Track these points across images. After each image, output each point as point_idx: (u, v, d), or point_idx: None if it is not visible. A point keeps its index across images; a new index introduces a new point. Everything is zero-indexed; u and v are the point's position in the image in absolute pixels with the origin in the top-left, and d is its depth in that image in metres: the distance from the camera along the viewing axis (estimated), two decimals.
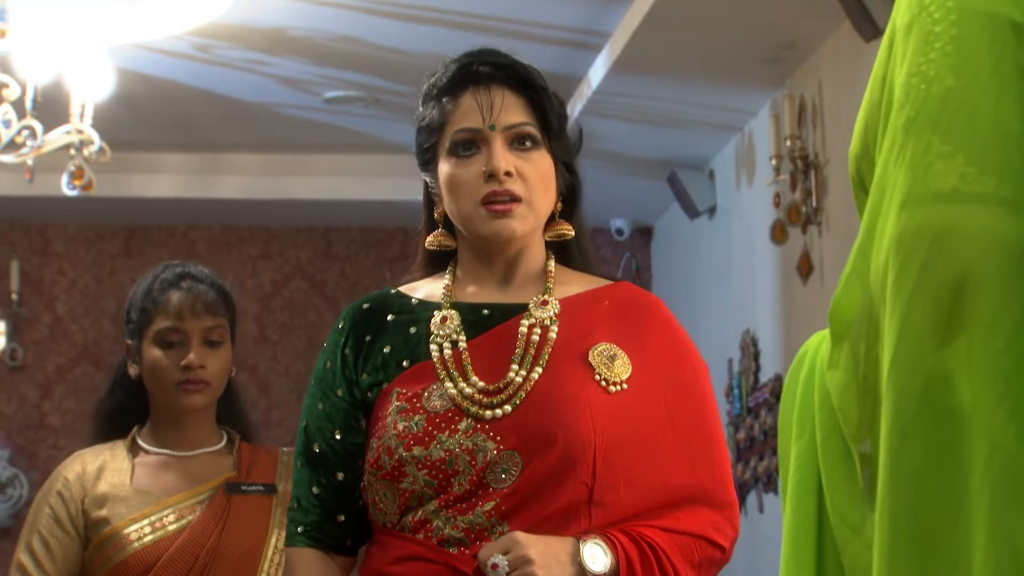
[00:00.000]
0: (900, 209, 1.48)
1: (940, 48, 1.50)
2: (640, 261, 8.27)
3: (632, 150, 7.01)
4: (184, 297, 3.18)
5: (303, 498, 2.46)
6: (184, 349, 3.16)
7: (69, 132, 5.72)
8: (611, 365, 2.39)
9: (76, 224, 7.83)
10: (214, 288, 3.24)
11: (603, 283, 2.54)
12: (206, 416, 3.25)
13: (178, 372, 3.16)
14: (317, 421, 2.46)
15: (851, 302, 1.56)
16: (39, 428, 7.73)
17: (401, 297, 2.52)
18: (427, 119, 2.48)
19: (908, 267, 1.46)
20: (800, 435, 1.66)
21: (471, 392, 2.36)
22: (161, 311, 3.18)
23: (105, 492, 3.14)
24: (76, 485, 3.15)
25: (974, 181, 1.45)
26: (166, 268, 3.27)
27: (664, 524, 2.36)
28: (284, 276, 8.04)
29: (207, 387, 3.18)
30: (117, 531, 3.09)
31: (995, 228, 1.44)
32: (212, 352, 3.19)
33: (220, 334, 3.21)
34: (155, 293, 3.20)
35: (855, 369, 1.55)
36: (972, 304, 1.43)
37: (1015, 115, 1.47)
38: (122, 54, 6.05)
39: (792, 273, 6.05)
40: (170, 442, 3.22)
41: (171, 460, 3.21)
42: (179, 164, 7.48)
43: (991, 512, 1.41)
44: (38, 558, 3.12)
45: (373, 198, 7.45)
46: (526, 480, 2.31)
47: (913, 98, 1.51)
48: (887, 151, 1.53)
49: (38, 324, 7.86)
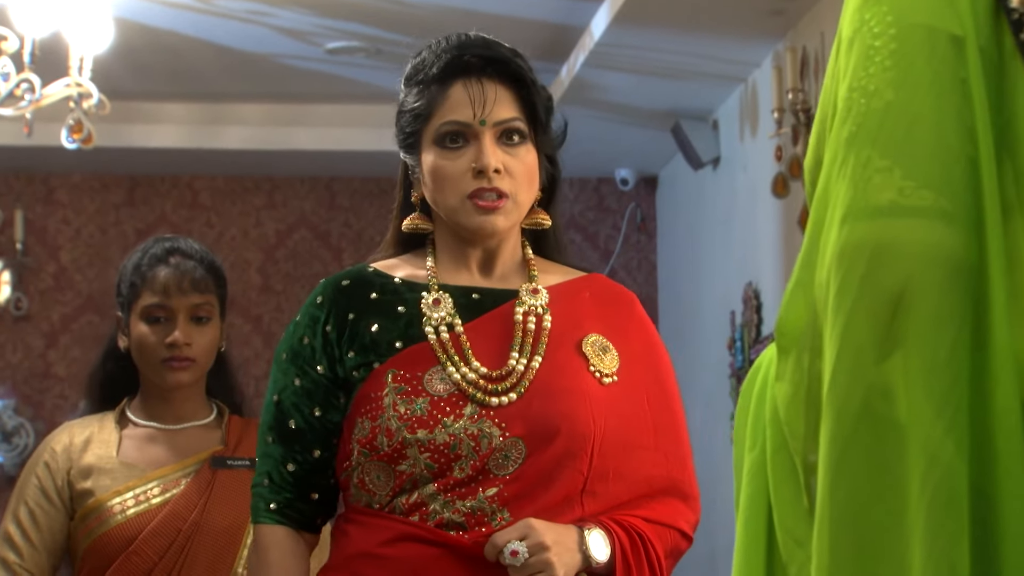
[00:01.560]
0: (841, 223, 1.48)
1: (880, 62, 1.50)
2: (645, 211, 8.25)
3: (635, 101, 6.98)
4: (171, 273, 3.18)
5: (275, 474, 2.45)
6: (170, 326, 3.17)
7: (68, 85, 5.71)
8: (603, 357, 2.45)
9: (80, 174, 7.83)
10: (203, 264, 3.23)
11: (579, 274, 2.59)
12: (194, 390, 3.25)
13: (163, 349, 3.16)
14: (294, 397, 2.45)
15: (796, 315, 1.56)
16: (44, 378, 7.76)
17: (381, 276, 2.50)
18: (412, 105, 2.48)
19: (848, 281, 1.46)
20: (752, 447, 1.67)
21: (474, 378, 2.38)
22: (148, 287, 3.18)
23: (91, 464, 3.15)
24: (63, 456, 3.17)
25: (912, 195, 1.45)
26: (156, 242, 3.27)
27: (644, 514, 2.43)
28: (288, 226, 8.04)
29: (192, 364, 3.18)
30: (101, 503, 3.10)
31: (932, 242, 1.44)
32: (199, 329, 3.19)
33: (207, 311, 3.21)
34: (143, 268, 3.21)
35: (800, 382, 1.56)
36: (910, 318, 1.44)
37: (953, 129, 1.47)
38: (123, 5, 6.03)
39: (794, 227, 6.04)
40: (158, 415, 3.23)
41: (158, 433, 3.22)
42: (182, 114, 7.47)
43: (928, 526, 1.42)
44: (24, 529, 3.14)
45: (376, 148, 7.42)
46: (529, 468, 2.35)
47: (854, 112, 1.51)
48: (829, 164, 1.53)
49: (43, 274, 7.88)
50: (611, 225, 8.23)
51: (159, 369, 3.17)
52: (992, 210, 1.46)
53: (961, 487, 1.42)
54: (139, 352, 3.19)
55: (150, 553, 3.06)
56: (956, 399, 1.43)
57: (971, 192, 1.46)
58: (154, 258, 3.21)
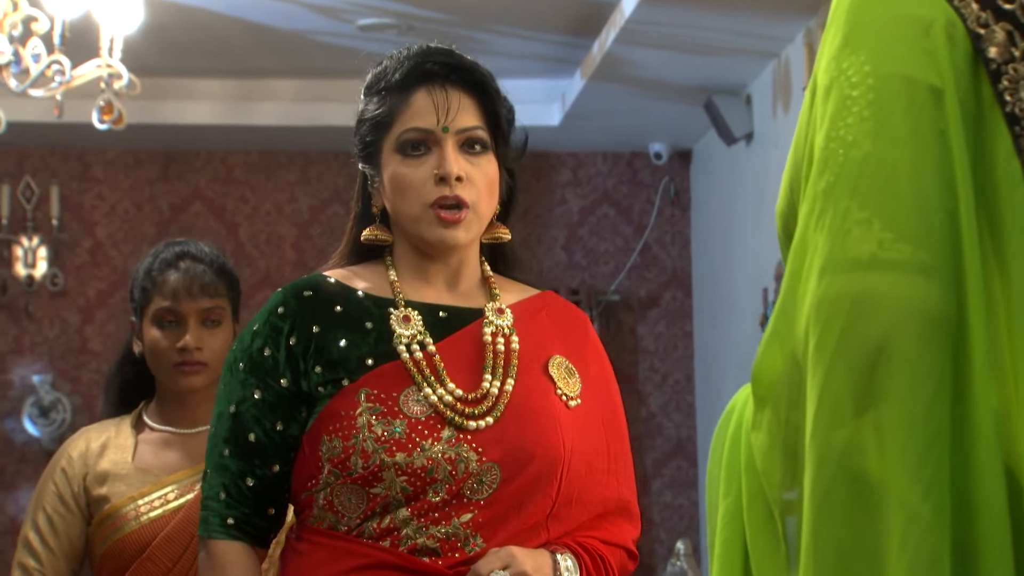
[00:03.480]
0: (820, 275, 1.47)
1: (858, 113, 1.49)
2: (679, 185, 8.22)
3: (667, 77, 6.94)
4: (181, 278, 3.17)
5: (232, 488, 2.36)
6: (181, 330, 3.16)
7: (99, 67, 5.72)
8: (568, 380, 2.44)
9: (115, 150, 7.86)
10: (213, 268, 3.22)
11: (533, 292, 2.56)
12: (209, 393, 3.23)
13: (175, 353, 3.15)
14: (254, 410, 2.37)
15: (772, 365, 1.55)
16: (81, 353, 7.81)
17: (343, 288, 2.43)
18: (372, 113, 2.44)
19: (827, 335, 1.45)
20: (727, 493, 1.66)
21: (451, 400, 2.34)
22: (158, 292, 3.18)
23: (106, 470, 3.16)
24: (79, 463, 3.18)
25: (891, 248, 1.44)
26: (167, 247, 3.26)
27: (600, 535, 2.43)
28: (322, 202, 8.05)
29: (205, 368, 3.18)
30: (116, 509, 3.11)
31: (911, 296, 1.43)
32: (210, 332, 3.18)
33: (218, 314, 3.20)
34: (154, 273, 3.20)
35: (777, 433, 1.54)
36: (888, 373, 1.42)
37: (932, 181, 1.45)
38: None
39: None
40: (174, 419, 3.23)
41: (174, 438, 3.22)
42: (215, 91, 7.48)
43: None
44: (43, 535, 3.15)
45: None
46: (503, 493, 2.32)
47: (832, 163, 1.49)
48: (807, 215, 1.51)
49: (78, 249, 7.91)
50: (645, 199, 8.20)
51: (171, 373, 3.17)
52: (972, 263, 1.45)
53: (942, 544, 1.41)
54: (152, 357, 3.20)
55: (164, 559, 3.07)
56: (936, 456, 1.42)
57: (950, 245, 1.45)
58: (164, 263, 3.21)
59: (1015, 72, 1.49)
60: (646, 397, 8.05)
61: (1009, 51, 1.49)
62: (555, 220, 8.11)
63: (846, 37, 1.53)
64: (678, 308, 8.15)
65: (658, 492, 8.00)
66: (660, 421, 8.05)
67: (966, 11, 1.49)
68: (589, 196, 8.16)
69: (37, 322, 7.83)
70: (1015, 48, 1.49)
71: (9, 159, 7.81)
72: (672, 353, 8.12)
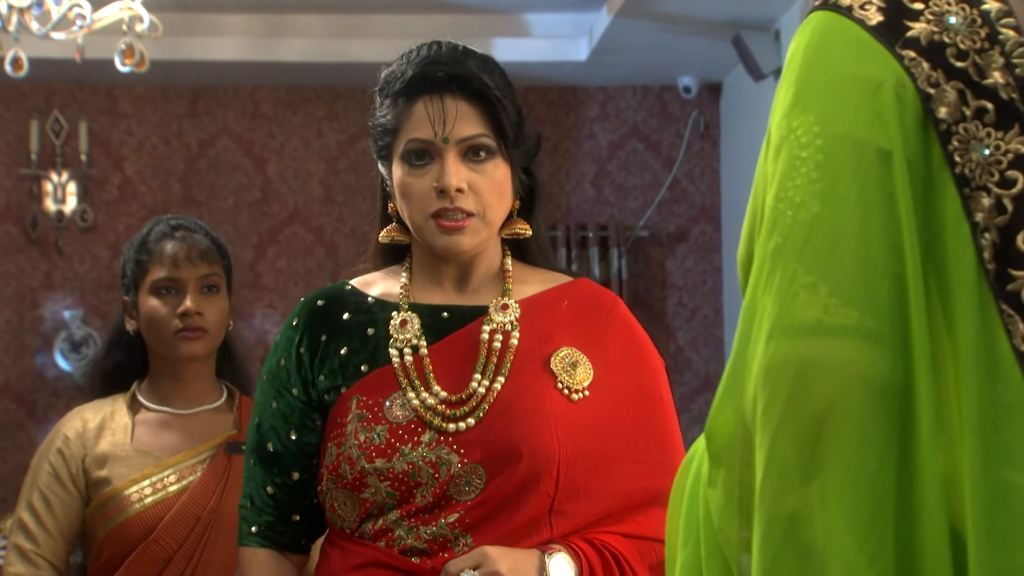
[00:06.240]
0: (768, 339, 1.46)
1: (806, 174, 1.46)
2: (708, 119, 8.15)
3: (695, 12, 6.86)
4: (179, 246, 3.20)
5: (256, 497, 2.47)
6: (180, 297, 3.18)
7: (120, 9, 5.71)
8: (572, 372, 2.40)
9: (143, 85, 7.84)
10: (208, 237, 3.26)
11: (562, 280, 2.54)
12: (205, 368, 3.27)
13: (176, 320, 3.17)
14: (271, 420, 2.46)
15: (726, 423, 1.54)
16: (111, 288, 7.83)
17: (356, 294, 2.49)
18: (383, 118, 2.45)
19: (773, 401, 1.44)
20: (685, 544, 1.65)
21: (433, 403, 2.36)
22: (156, 261, 3.20)
23: (105, 451, 3.17)
24: (76, 443, 3.19)
25: (837, 313, 1.42)
26: (159, 222, 3.30)
27: (624, 529, 2.40)
28: (349, 137, 8.02)
29: (205, 334, 3.19)
30: (118, 492, 3.12)
31: (856, 362, 1.42)
32: (209, 299, 3.21)
33: (216, 281, 3.23)
34: (150, 244, 3.22)
35: (732, 491, 1.53)
36: (833, 442, 1.41)
37: (879, 244, 1.43)
38: None
39: None
40: (170, 398, 3.25)
41: (171, 418, 3.23)
42: (242, 26, 7.44)
43: None
44: (39, 516, 3.16)
45: None
46: (490, 494, 2.33)
47: (780, 225, 1.47)
48: (756, 275, 1.50)
49: (108, 185, 7.92)
50: (674, 133, 8.14)
51: (172, 342, 3.18)
52: (919, 328, 1.43)
53: None
54: (150, 327, 3.20)
55: (170, 542, 3.09)
56: (880, 523, 1.41)
57: (897, 310, 1.43)
58: (159, 234, 3.24)
59: (965, 132, 1.46)
60: (675, 332, 8.04)
61: (960, 110, 1.46)
62: (584, 155, 8.07)
63: (796, 96, 1.51)
64: (707, 242, 8.11)
65: (686, 427, 7.94)
66: (688, 356, 8.04)
67: (916, 71, 1.47)
68: (618, 131, 8.11)
69: (67, 258, 7.86)
70: (966, 107, 1.46)
71: (37, 94, 7.81)
72: (701, 288, 8.10)
